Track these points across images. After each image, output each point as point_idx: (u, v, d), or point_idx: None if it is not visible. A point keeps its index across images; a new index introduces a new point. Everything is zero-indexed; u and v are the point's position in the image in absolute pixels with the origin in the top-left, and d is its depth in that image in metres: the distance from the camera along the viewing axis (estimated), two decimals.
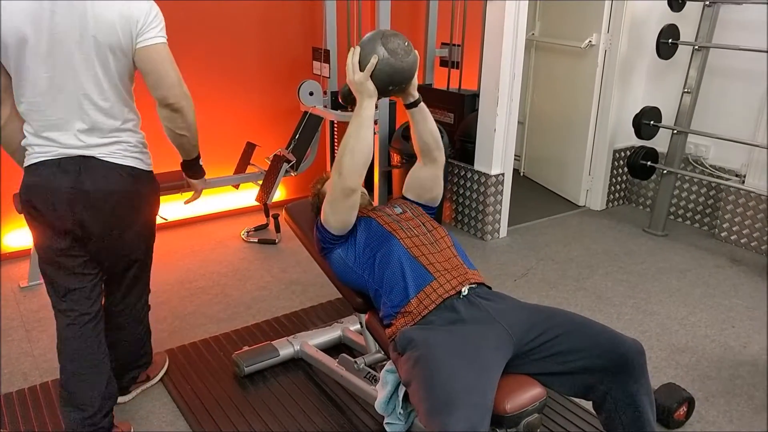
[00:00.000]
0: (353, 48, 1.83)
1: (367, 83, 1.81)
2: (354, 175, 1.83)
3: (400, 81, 1.86)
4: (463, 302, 1.79)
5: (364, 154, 1.84)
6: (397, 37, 1.81)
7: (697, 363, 2.61)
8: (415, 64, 1.86)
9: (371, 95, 1.83)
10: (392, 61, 1.79)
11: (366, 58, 1.79)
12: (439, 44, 4.38)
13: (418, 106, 2.00)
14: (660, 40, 3.76)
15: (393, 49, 1.79)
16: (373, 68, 1.78)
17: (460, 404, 1.45)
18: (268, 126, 4.17)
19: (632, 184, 4.48)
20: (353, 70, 1.81)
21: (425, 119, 2.02)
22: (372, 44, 1.79)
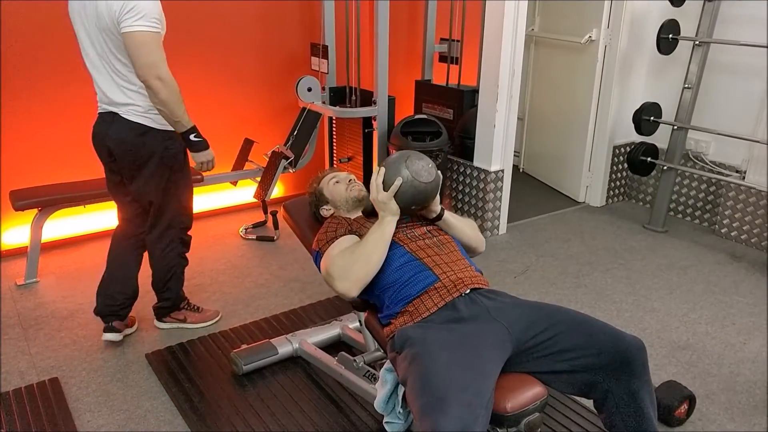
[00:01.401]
0: (378, 168, 1.88)
1: (391, 203, 1.85)
2: (359, 286, 1.84)
3: (423, 202, 1.91)
4: (464, 300, 1.78)
5: (376, 267, 1.85)
6: (420, 159, 1.87)
7: (698, 360, 2.60)
8: (437, 185, 1.90)
9: (394, 214, 1.87)
10: (416, 184, 1.84)
11: (390, 179, 1.84)
12: (438, 40, 4.36)
13: (443, 219, 2.03)
14: (660, 35, 3.74)
15: (417, 171, 1.84)
16: (397, 189, 1.82)
17: (454, 403, 1.43)
18: (266, 122, 4.15)
19: (632, 180, 4.46)
20: (377, 190, 1.86)
21: (452, 228, 2.06)
22: (396, 166, 1.84)
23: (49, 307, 2.95)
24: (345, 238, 1.95)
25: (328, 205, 2.17)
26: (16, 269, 3.27)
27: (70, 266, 3.35)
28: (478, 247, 2.15)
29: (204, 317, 2.80)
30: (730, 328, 2.84)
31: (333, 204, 2.16)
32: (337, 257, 1.87)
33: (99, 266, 3.33)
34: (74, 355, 2.58)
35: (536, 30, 4.70)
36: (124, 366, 2.51)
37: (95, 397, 2.32)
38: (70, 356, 2.57)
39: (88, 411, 2.25)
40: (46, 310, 2.92)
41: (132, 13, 2.10)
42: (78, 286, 3.15)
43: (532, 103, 4.86)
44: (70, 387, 2.37)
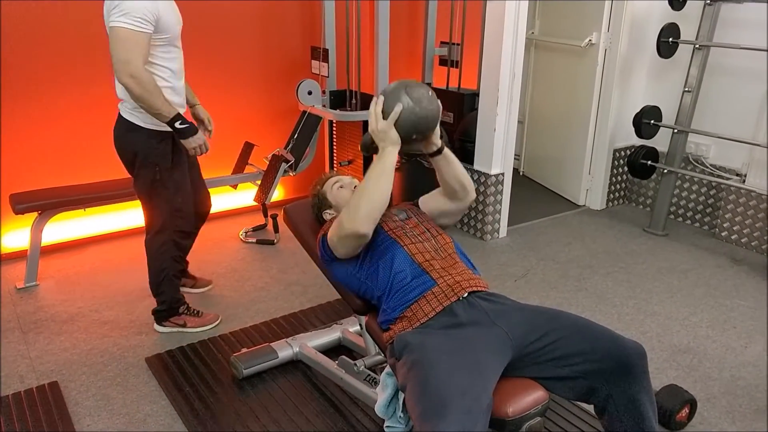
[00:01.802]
0: (376, 97, 1.84)
1: (391, 132, 1.80)
2: (369, 221, 1.81)
3: (424, 129, 1.86)
4: (463, 305, 1.77)
5: (382, 201, 1.83)
6: (420, 87, 1.83)
7: (699, 364, 2.60)
8: (438, 112, 1.86)
9: (394, 143, 1.82)
10: (416, 110, 1.79)
11: (390, 107, 1.79)
12: (439, 43, 4.36)
13: (443, 153, 1.98)
14: (660, 38, 3.75)
15: (417, 98, 1.79)
16: (397, 117, 1.78)
17: (453, 409, 1.43)
18: (267, 125, 4.15)
19: (632, 183, 4.46)
20: (376, 119, 1.81)
21: (449, 165, 2.01)
22: (396, 93, 1.80)
23: (49, 310, 2.94)
24: None
25: (330, 209, 2.17)
26: (15, 272, 3.26)
27: (70, 270, 3.35)
28: (471, 189, 2.08)
29: (203, 321, 2.80)
30: (731, 332, 2.84)
31: (336, 209, 2.15)
32: (344, 208, 1.87)
33: (99, 270, 3.35)
34: (74, 358, 2.57)
35: (536, 33, 4.71)
36: (123, 370, 2.50)
37: (95, 401, 2.32)
38: (69, 360, 2.56)
39: (88, 415, 2.24)
40: (45, 314, 2.91)
41: (117, 9, 2.17)
42: (78, 289, 3.14)
43: (532, 107, 4.86)
44: (70, 391, 2.37)
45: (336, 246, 1.91)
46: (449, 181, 2.03)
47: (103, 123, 3.48)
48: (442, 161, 1.99)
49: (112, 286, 3.18)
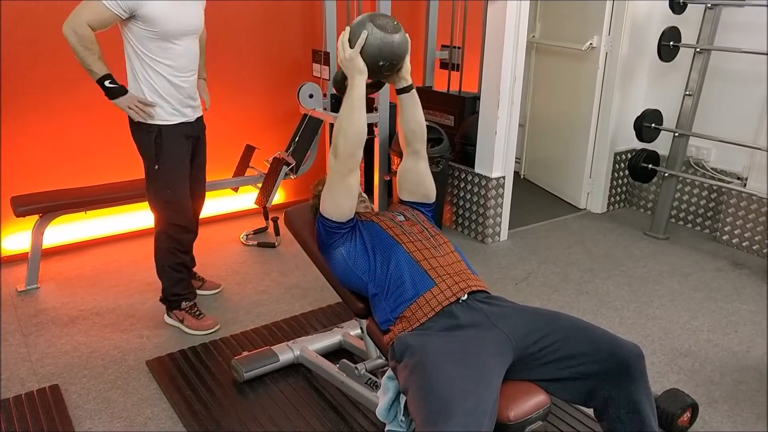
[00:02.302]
0: (344, 30, 1.87)
1: (357, 59, 1.83)
2: (350, 157, 1.84)
3: (390, 57, 1.87)
4: (462, 307, 1.77)
5: (358, 134, 1.85)
6: (386, 17, 1.87)
7: (701, 368, 2.59)
8: (405, 42, 1.89)
9: (361, 72, 1.84)
10: (381, 35, 1.82)
11: (356, 35, 1.82)
12: (439, 46, 4.37)
13: (410, 92, 2.01)
14: (661, 42, 3.75)
15: (382, 25, 1.83)
16: (363, 43, 1.81)
17: (457, 412, 1.43)
18: (268, 128, 4.15)
19: (633, 187, 4.46)
20: (343, 48, 1.84)
21: (414, 106, 2.04)
22: (361, 22, 1.84)
23: (50, 313, 2.94)
24: None
25: None
26: (16, 275, 3.26)
27: (70, 272, 3.35)
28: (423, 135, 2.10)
29: (200, 325, 2.80)
30: (732, 336, 2.83)
31: None
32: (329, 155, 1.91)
33: (100, 272, 3.35)
34: (75, 362, 2.57)
35: (537, 37, 4.71)
36: (124, 373, 2.50)
37: (96, 404, 2.31)
38: (70, 363, 2.56)
39: (89, 418, 2.24)
40: (46, 317, 2.91)
41: None
42: (79, 292, 3.14)
43: (533, 110, 4.87)
44: (71, 394, 2.36)
45: (327, 203, 1.93)
46: (410, 124, 2.06)
47: (105, 125, 3.50)
48: (409, 99, 2.03)
49: (113, 289, 3.17)
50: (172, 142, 2.58)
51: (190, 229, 2.79)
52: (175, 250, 2.75)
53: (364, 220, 2.02)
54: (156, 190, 2.65)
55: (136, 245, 3.69)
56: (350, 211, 1.95)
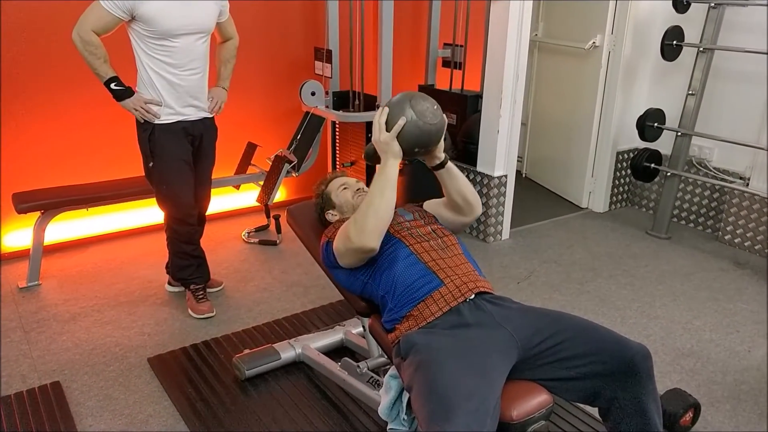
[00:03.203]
0: (381, 108, 1.84)
1: (393, 144, 1.80)
2: (376, 235, 1.81)
3: (427, 144, 1.86)
4: (469, 306, 1.77)
5: (388, 213, 1.82)
6: (425, 100, 1.82)
7: (702, 368, 2.59)
8: (442, 127, 1.85)
9: (396, 156, 1.82)
10: (420, 124, 1.79)
11: (393, 119, 1.79)
12: (442, 44, 4.36)
13: (446, 167, 1.97)
14: (664, 41, 3.74)
15: (421, 112, 1.79)
16: (400, 129, 1.78)
17: (460, 411, 1.42)
18: (270, 126, 4.14)
19: (635, 186, 4.45)
20: (380, 130, 1.81)
21: (453, 179, 2.00)
22: (400, 106, 1.80)
23: (51, 310, 2.94)
24: None
25: (334, 210, 2.16)
26: (18, 272, 3.26)
27: (72, 269, 3.35)
28: (476, 205, 2.06)
29: (196, 308, 2.91)
30: (734, 336, 2.83)
31: (339, 210, 2.15)
32: (349, 221, 1.86)
33: (101, 269, 3.35)
34: (76, 358, 2.57)
35: (540, 35, 4.70)
36: (126, 370, 2.50)
37: (97, 401, 2.31)
38: (72, 360, 2.56)
39: (90, 415, 2.24)
40: (48, 314, 2.91)
41: None
42: (80, 289, 3.14)
43: (535, 109, 4.86)
44: (72, 391, 2.36)
45: (342, 256, 1.90)
46: (453, 196, 2.03)
47: (107, 123, 3.50)
48: (445, 175, 1.99)
49: (114, 286, 3.17)
50: (165, 140, 2.65)
51: (187, 222, 2.83)
52: (176, 240, 2.87)
53: None
54: (154, 185, 2.78)
55: (138, 242, 3.69)
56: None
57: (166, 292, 3.11)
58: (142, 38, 2.52)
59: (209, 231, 3.83)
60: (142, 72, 2.59)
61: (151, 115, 2.59)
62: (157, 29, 2.48)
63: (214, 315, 2.90)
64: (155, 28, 2.48)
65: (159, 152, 2.67)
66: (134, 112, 2.59)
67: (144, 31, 2.49)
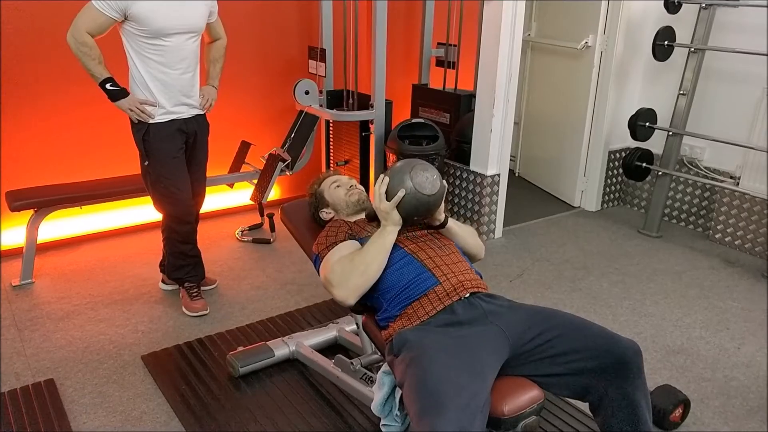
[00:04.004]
0: (382, 176, 1.87)
1: (393, 213, 1.84)
2: (358, 293, 1.84)
3: (425, 214, 1.90)
4: (463, 304, 1.78)
5: (374, 276, 1.85)
6: (425, 170, 1.85)
7: (692, 365, 2.62)
8: (441, 196, 1.89)
9: (396, 224, 1.86)
10: (419, 196, 1.83)
11: (393, 189, 1.83)
12: (436, 44, 4.37)
13: (447, 227, 2.02)
14: (656, 41, 3.77)
15: (420, 184, 1.82)
16: (400, 200, 1.82)
17: (450, 406, 1.44)
18: (263, 125, 4.15)
19: (627, 185, 4.48)
20: (380, 199, 1.85)
21: (455, 237, 2.05)
22: (401, 176, 1.83)
23: (45, 308, 2.94)
24: (345, 244, 1.95)
25: (328, 208, 2.18)
26: (11, 270, 3.26)
27: (65, 267, 3.35)
28: (478, 255, 2.14)
29: (190, 306, 2.92)
30: (724, 333, 2.86)
31: (333, 207, 2.16)
32: (336, 264, 1.87)
33: (95, 267, 3.35)
34: (70, 356, 2.57)
35: (533, 35, 4.73)
36: (120, 367, 2.51)
37: (91, 398, 2.32)
38: (65, 357, 2.56)
39: (84, 413, 2.24)
40: (41, 311, 2.91)
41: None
42: (74, 287, 3.14)
43: (528, 108, 4.88)
44: (66, 388, 2.37)
45: (325, 283, 1.92)
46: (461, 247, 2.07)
47: (100, 121, 3.50)
48: (447, 234, 2.04)
49: (108, 284, 3.18)
50: (159, 139, 2.67)
51: (186, 221, 2.84)
52: (174, 240, 2.86)
53: (364, 237, 1.99)
54: (149, 184, 2.78)
55: (132, 240, 3.69)
56: None
57: (159, 290, 3.12)
58: (133, 38, 2.53)
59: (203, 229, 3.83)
60: (134, 72, 2.60)
61: (145, 116, 2.61)
62: (149, 29, 2.50)
63: (208, 313, 2.91)
64: (147, 28, 2.49)
65: (154, 151, 2.68)
66: (129, 112, 2.60)
67: (136, 31, 2.51)
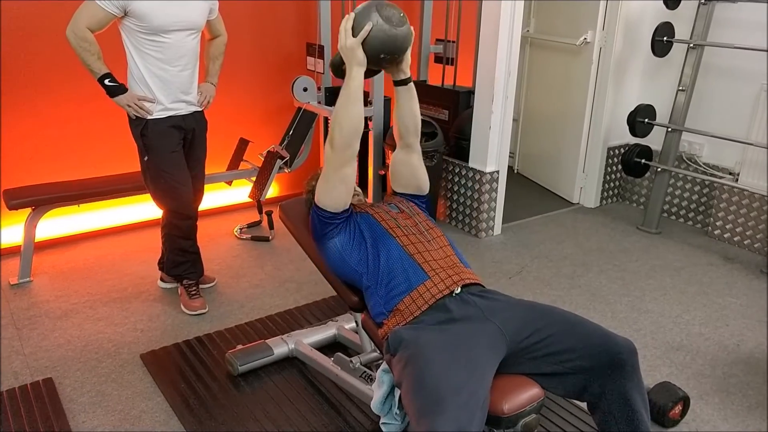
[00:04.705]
0: (348, 15, 1.83)
1: (358, 50, 1.79)
2: (346, 149, 1.83)
3: (392, 50, 1.84)
4: (456, 301, 1.78)
5: (354, 126, 1.84)
6: (392, 7, 1.82)
7: (692, 361, 2.62)
8: (409, 36, 1.86)
9: (360, 63, 1.82)
10: (386, 28, 1.78)
11: (360, 25, 1.78)
12: (434, 40, 4.36)
13: (408, 85, 1.99)
14: (655, 37, 3.76)
15: (388, 17, 1.79)
16: (367, 34, 1.77)
17: (449, 405, 1.44)
18: (262, 122, 4.14)
19: (626, 181, 4.48)
20: (345, 35, 1.80)
21: (411, 99, 2.02)
22: (367, 11, 1.79)
23: (43, 306, 2.93)
24: None
25: None
26: (9, 268, 3.25)
27: (63, 266, 3.34)
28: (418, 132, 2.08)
29: (188, 304, 2.92)
30: (723, 330, 2.86)
31: None
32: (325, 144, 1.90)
33: (93, 265, 3.34)
34: (68, 355, 2.57)
35: (531, 31, 4.71)
36: (118, 366, 2.50)
37: (90, 397, 2.31)
38: (64, 356, 2.56)
39: (83, 411, 2.24)
40: (39, 310, 2.90)
41: None
42: (72, 285, 3.13)
43: (527, 105, 4.87)
44: (65, 387, 2.36)
45: (322, 193, 1.91)
46: (405, 118, 2.04)
47: (97, 118, 3.49)
48: (406, 92, 2.00)
49: (106, 283, 3.17)
50: (157, 135, 2.67)
51: (187, 215, 2.85)
52: (175, 236, 2.86)
53: (359, 211, 2.02)
54: (149, 180, 2.77)
55: (129, 238, 3.68)
56: (345, 202, 1.95)
57: (158, 288, 3.11)
58: (133, 34, 2.53)
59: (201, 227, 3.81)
60: (133, 68, 2.60)
61: (143, 112, 2.61)
62: (150, 25, 2.49)
63: (207, 311, 2.90)
64: (147, 24, 2.49)
65: (153, 147, 2.67)
66: (127, 108, 2.60)
67: (136, 27, 2.50)
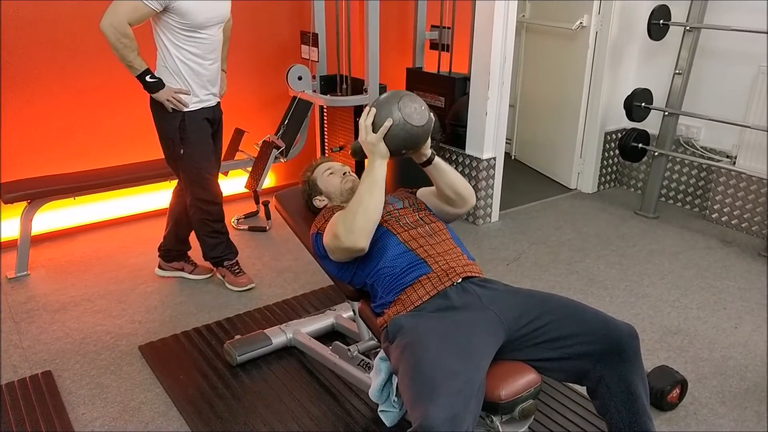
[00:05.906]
0: (368, 108, 1.82)
1: (380, 145, 1.79)
2: (365, 235, 1.80)
3: (413, 146, 1.85)
4: (456, 289, 1.78)
5: (376, 213, 1.82)
6: (413, 101, 1.80)
7: (690, 345, 2.62)
8: (429, 128, 1.84)
9: (383, 157, 1.82)
10: (407, 127, 1.77)
11: (380, 121, 1.78)
12: (429, 27, 4.34)
13: (433, 164, 1.96)
14: (651, 21, 3.74)
15: (408, 114, 1.77)
16: (387, 131, 1.77)
17: (443, 391, 1.44)
18: (257, 112, 4.12)
19: (623, 166, 4.47)
20: (366, 132, 1.80)
21: (441, 174, 1.98)
22: (388, 107, 1.78)
23: (41, 300, 2.93)
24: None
25: (321, 195, 2.16)
26: (6, 262, 3.24)
27: (60, 259, 3.33)
28: (469, 198, 2.04)
29: (236, 281, 3.03)
30: (721, 313, 2.86)
31: (327, 195, 2.15)
32: (338, 218, 1.85)
33: (90, 258, 3.34)
34: (67, 348, 2.57)
35: (527, 16, 4.68)
36: (117, 358, 2.50)
37: (89, 389, 2.32)
38: (62, 349, 2.56)
39: (82, 404, 2.24)
40: (37, 303, 2.90)
41: None
42: (69, 278, 3.13)
43: (523, 90, 4.85)
44: (64, 380, 2.37)
45: (332, 252, 1.90)
46: (444, 190, 2.02)
47: (94, 110, 3.47)
48: (434, 171, 1.98)
49: (104, 275, 3.17)
50: (194, 128, 2.73)
51: (216, 202, 2.92)
52: (207, 220, 2.92)
53: None
54: (184, 171, 2.80)
55: (126, 230, 3.67)
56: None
57: (156, 280, 3.11)
58: (171, 30, 2.54)
59: None
60: (169, 62, 2.61)
61: (181, 105, 2.64)
62: (192, 22, 2.53)
63: (255, 286, 3.04)
64: (189, 21, 2.53)
65: (189, 139, 2.72)
66: (166, 103, 2.62)
67: (175, 24, 2.52)
